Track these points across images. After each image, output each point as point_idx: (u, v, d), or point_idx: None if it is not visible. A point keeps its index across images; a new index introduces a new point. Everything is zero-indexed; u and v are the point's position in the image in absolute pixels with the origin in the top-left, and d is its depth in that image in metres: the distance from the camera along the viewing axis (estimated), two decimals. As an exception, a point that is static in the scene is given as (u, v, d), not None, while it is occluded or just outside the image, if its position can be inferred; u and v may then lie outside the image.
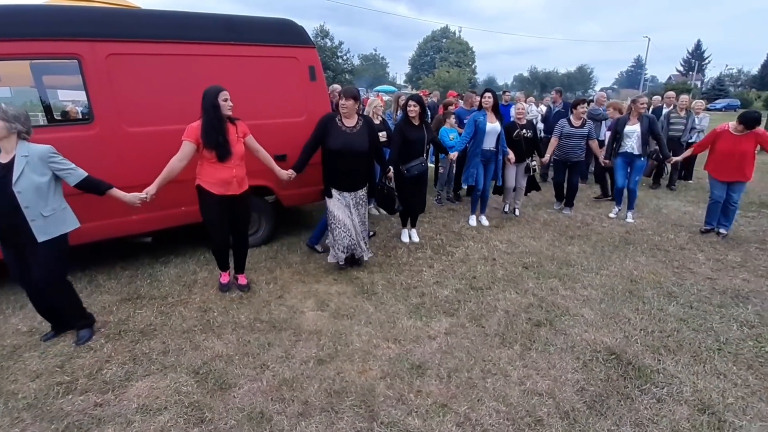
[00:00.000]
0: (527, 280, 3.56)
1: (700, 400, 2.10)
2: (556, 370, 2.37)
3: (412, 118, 3.99)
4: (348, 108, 3.37)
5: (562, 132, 5.23)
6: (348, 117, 3.41)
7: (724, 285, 3.42)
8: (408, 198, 4.13)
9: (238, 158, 3.01)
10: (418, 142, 4.00)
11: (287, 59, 4.13)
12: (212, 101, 2.83)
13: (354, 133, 3.39)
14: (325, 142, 3.39)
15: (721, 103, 37.58)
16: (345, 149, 3.34)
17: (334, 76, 29.22)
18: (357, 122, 3.44)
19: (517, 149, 5.01)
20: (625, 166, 5.10)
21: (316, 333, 2.76)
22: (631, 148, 4.96)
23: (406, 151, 3.99)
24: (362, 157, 3.44)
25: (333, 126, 3.39)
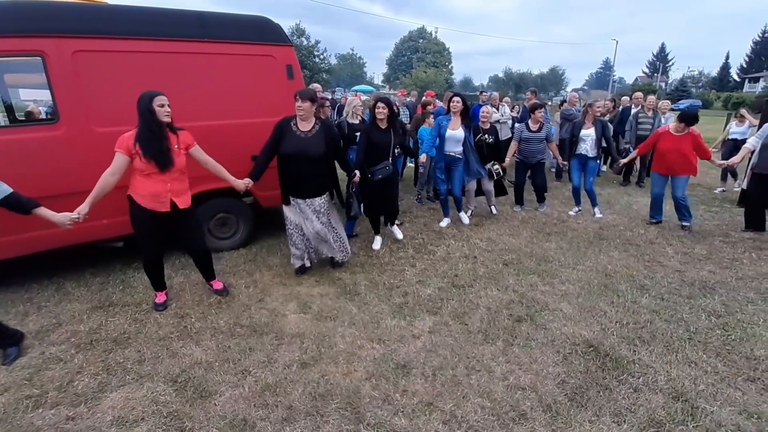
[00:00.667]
0: (507, 276, 3.62)
1: (673, 388, 2.19)
2: (538, 364, 2.42)
3: (379, 121, 3.91)
4: (305, 110, 3.22)
5: (521, 137, 5.28)
6: (304, 120, 3.28)
7: (692, 277, 3.58)
8: (375, 202, 4.07)
9: (178, 171, 2.79)
10: (383, 145, 3.92)
11: (263, 57, 4.06)
12: (147, 106, 2.63)
13: (309, 138, 3.25)
14: (279, 147, 3.24)
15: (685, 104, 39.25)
16: (299, 154, 3.21)
17: (311, 76, 28.92)
18: (313, 126, 3.30)
19: (480, 153, 4.95)
20: (580, 167, 5.33)
21: (299, 336, 2.72)
22: (585, 151, 5.19)
23: (370, 155, 3.90)
24: (318, 162, 3.28)
25: (288, 130, 3.25)
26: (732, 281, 3.49)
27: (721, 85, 51.34)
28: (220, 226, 4.16)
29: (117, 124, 3.36)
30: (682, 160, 4.64)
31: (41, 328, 2.83)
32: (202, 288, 3.42)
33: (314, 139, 3.27)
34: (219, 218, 4.13)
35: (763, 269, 3.74)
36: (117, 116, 3.36)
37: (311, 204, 3.43)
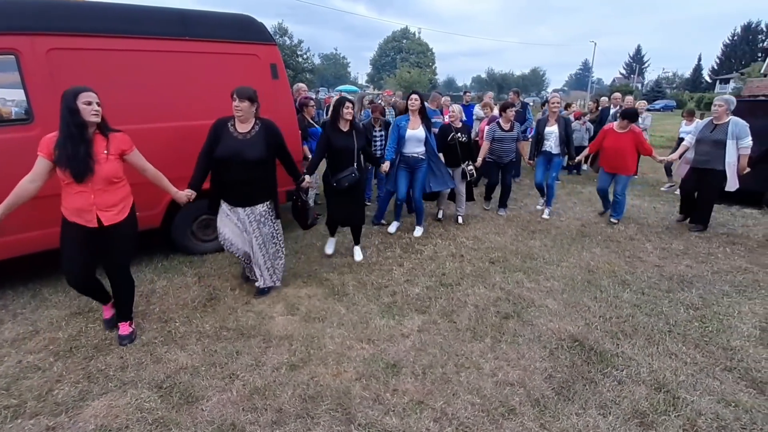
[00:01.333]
0: (494, 274, 3.67)
1: (656, 380, 2.26)
2: (526, 359, 2.46)
3: (343, 123, 3.61)
4: (243, 110, 2.92)
5: (494, 136, 5.29)
6: (243, 121, 2.99)
7: (671, 271, 3.70)
8: (340, 210, 3.85)
9: (104, 181, 2.35)
10: (345, 150, 3.63)
11: (247, 57, 4.00)
12: (69, 104, 2.24)
13: (247, 140, 2.97)
14: (214, 150, 2.97)
15: (660, 104, 40.76)
16: (234, 158, 2.93)
17: (294, 75, 28.66)
18: (253, 127, 3.02)
19: (452, 154, 4.92)
20: (544, 163, 5.46)
21: (287, 338, 2.69)
22: (549, 148, 5.32)
23: (334, 161, 3.67)
24: (256, 167, 3.00)
25: (224, 132, 2.97)
26: (708, 275, 3.62)
27: (694, 86, 53.21)
28: (203, 228, 4.09)
29: (95, 125, 3.28)
30: (623, 158, 4.95)
31: (17, 336, 2.72)
32: (186, 291, 3.35)
33: (253, 141, 2.99)
34: (202, 220, 4.05)
35: (736, 263, 3.89)
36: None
37: (252, 212, 3.12)
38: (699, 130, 4.67)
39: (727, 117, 4.47)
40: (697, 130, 4.71)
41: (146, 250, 4.04)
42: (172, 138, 3.58)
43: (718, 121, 4.52)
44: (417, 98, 4.40)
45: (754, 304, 3.09)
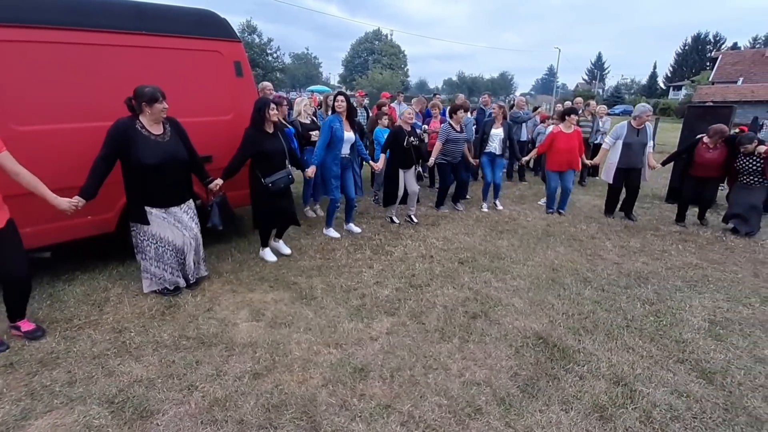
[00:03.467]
0: (463, 274, 3.70)
1: (614, 374, 2.34)
2: (492, 359, 2.48)
3: (268, 125, 3.56)
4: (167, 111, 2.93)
5: (448, 137, 5.39)
6: (158, 122, 2.93)
7: (629, 268, 3.86)
8: (278, 212, 3.80)
9: None
10: (277, 152, 3.62)
11: (209, 53, 3.86)
12: None
13: (168, 141, 2.95)
14: (134, 157, 2.81)
15: (619, 108, 42.80)
16: (168, 161, 2.91)
17: (263, 74, 28.02)
18: (165, 127, 2.98)
19: (407, 156, 4.96)
20: (490, 164, 5.80)
21: (251, 345, 2.60)
22: (494, 149, 5.72)
23: (266, 164, 3.59)
24: (186, 166, 3.09)
25: (136, 135, 2.82)
26: (662, 271, 3.81)
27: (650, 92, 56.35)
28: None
29: (41, 123, 3.06)
30: (574, 155, 5.45)
31: (-53, 353, 2.48)
32: (143, 299, 3.18)
33: (175, 141, 3.00)
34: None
35: (688, 259, 4.11)
36: (41, 114, 3.05)
37: (189, 207, 3.20)
38: (617, 135, 5.26)
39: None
40: (615, 135, 5.29)
41: (101, 257, 3.82)
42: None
43: (640, 127, 5.21)
44: (343, 99, 4.35)
45: (703, 298, 3.27)
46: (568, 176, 5.57)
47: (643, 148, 5.20)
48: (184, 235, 3.16)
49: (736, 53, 34.78)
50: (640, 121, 5.20)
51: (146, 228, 3.05)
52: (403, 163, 5.02)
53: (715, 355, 2.52)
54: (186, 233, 3.18)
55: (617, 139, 5.27)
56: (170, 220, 3.08)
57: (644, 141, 5.20)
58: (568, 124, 5.46)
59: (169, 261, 3.16)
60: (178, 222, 3.13)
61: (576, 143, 5.43)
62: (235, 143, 3.57)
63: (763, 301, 3.21)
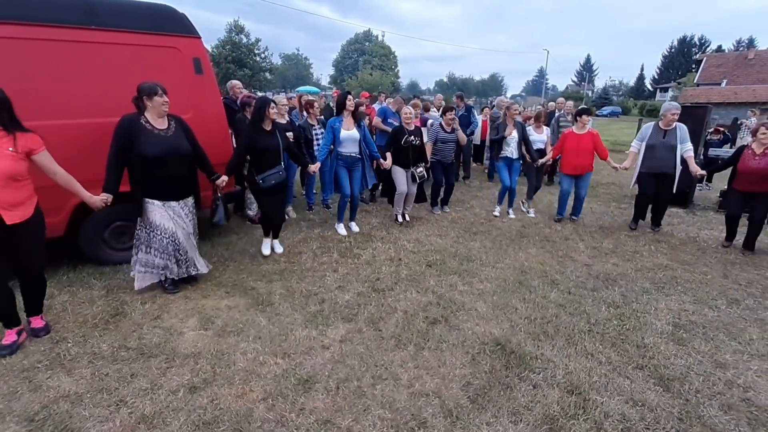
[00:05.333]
0: (429, 278, 3.60)
1: (569, 382, 2.24)
2: (446, 367, 2.38)
3: (266, 123, 3.61)
4: (169, 105, 3.00)
5: (437, 137, 5.34)
6: (161, 116, 3.02)
7: (598, 270, 3.79)
8: (270, 209, 3.84)
9: (3, 177, 2.25)
10: (273, 149, 3.65)
11: (165, 49, 3.71)
12: None
13: (172, 135, 3.04)
14: (137, 149, 2.89)
15: (607, 110, 43.27)
16: (170, 154, 2.97)
17: (251, 75, 27.73)
18: (170, 123, 3.08)
19: (404, 156, 4.91)
20: (506, 168, 5.48)
21: (194, 356, 2.46)
22: (511, 153, 5.38)
23: (260, 161, 3.64)
24: (188, 161, 3.15)
25: (141, 129, 2.92)
26: (632, 273, 3.74)
27: (638, 94, 57.05)
28: (117, 235, 3.73)
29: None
30: (585, 158, 5.05)
31: None
32: (89, 306, 3.02)
33: (178, 136, 3.08)
34: (117, 227, 3.70)
35: (658, 260, 4.05)
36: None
37: (186, 204, 3.22)
38: (644, 136, 4.80)
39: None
40: (642, 137, 4.83)
41: (52, 261, 3.64)
42: (75, 137, 3.24)
43: (668, 127, 4.67)
44: (350, 97, 4.41)
45: (670, 301, 3.20)
46: (581, 181, 5.16)
47: (671, 152, 4.58)
48: (183, 228, 3.19)
49: (720, 56, 35.35)
50: (667, 120, 4.60)
51: (151, 219, 3.07)
52: (401, 163, 4.96)
53: (676, 360, 2.43)
54: (183, 227, 3.20)
55: (642, 140, 4.79)
56: (170, 212, 3.12)
57: (672, 143, 4.56)
58: (581, 125, 5.09)
59: (173, 252, 3.18)
60: (177, 216, 3.16)
61: (588, 146, 5.02)
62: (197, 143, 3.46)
63: (730, 303, 3.15)
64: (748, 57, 31.28)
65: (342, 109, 4.38)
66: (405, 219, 5.22)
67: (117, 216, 3.64)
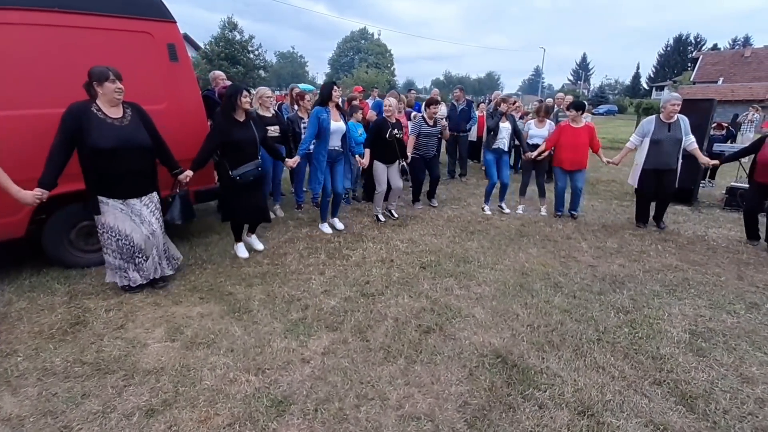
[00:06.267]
0: (423, 281, 3.33)
1: (580, 401, 1.98)
2: (440, 384, 2.11)
3: (239, 113, 3.34)
4: (123, 92, 2.75)
5: (420, 131, 5.13)
6: (115, 105, 2.74)
7: (604, 271, 3.54)
8: (246, 206, 3.54)
9: None
10: (247, 142, 3.38)
11: (136, 34, 3.42)
12: None
13: (127, 125, 2.76)
14: (88, 140, 2.61)
15: (603, 108, 43.17)
16: (124, 146, 2.70)
17: (245, 72, 27.30)
18: (125, 111, 2.79)
19: (390, 150, 4.69)
20: (495, 162, 5.28)
21: (156, 372, 2.18)
22: (503, 145, 5.19)
23: (235, 155, 3.35)
24: (148, 153, 2.88)
25: (92, 118, 2.64)
26: (640, 274, 3.49)
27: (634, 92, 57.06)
28: (85, 236, 3.44)
29: None
30: (581, 153, 4.87)
31: None
32: (48, 314, 2.73)
33: (134, 126, 2.79)
34: (83, 227, 3.41)
35: (667, 260, 3.81)
36: None
37: (151, 200, 2.96)
38: (645, 132, 4.54)
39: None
40: (642, 133, 4.57)
41: (14, 264, 3.36)
42: (28, 129, 2.94)
43: (670, 120, 4.42)
44: (337, 88, 4.15)
45: (684, 305, 2.95)
46: (576, 175, 4.96)
47: (676, 146, 4.39)
48: (141, 230, 2.92)
49: (716, 54, 35.31)
50: (667, 112, 4.37)
51: (104, 219, 2.83)
52: (386, 157, 4.74)
53: (697, 374, 2.18)
54: (144, 228, 2.93)
55: (644, 136, 4.50)
56: (128, 212, 2.85)
57: (677, 136, 4.37)
58: (573, 119, 4.92)
59: (128, 255, 2.92)
60: (136, 216, 2.89)
61: (585, 140, 4.84)
62: (170, 135, 3.17)
63: (749, 308, 2.90)
64: (745, 55, 31.25)
65: (328, 100, 4.10)
66: (392, 215, 4.99)
67: (84, 215, 3.35)
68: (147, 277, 3.02)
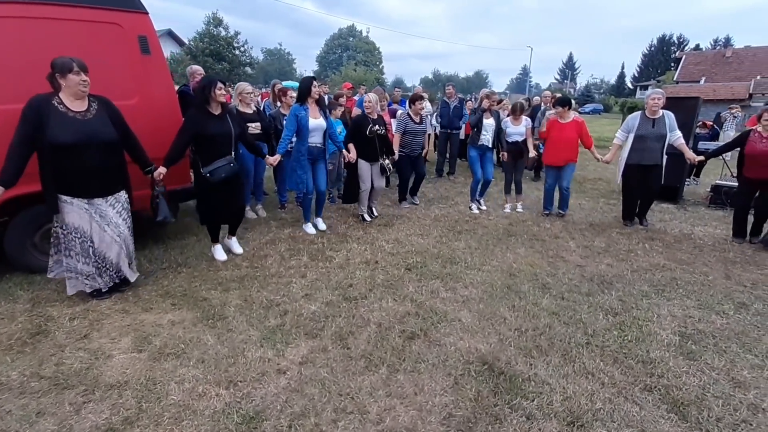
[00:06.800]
0: (408, 283, 3.22)
1: (569, 410, 1.89)
2: (424, 394, 2.00)
3: (214, 106, 3.18)
4: (89, 85, 2.59)
5: (406, 128, 5.02)
6: (79, 98, 2.59)
7: (592, 272, 3.48)
8: (218, 207, 3.40)
9: None
10: (221, 137, 3.20)
11: (105, 26, 3.23)
12: None
13: (92, 119, 2.59)
14: (46, 134, 2.45)
15: (589, 107, 43.73)
16: (86, 141, 2.53)
17: (230, 69, 26.82)
18: (90, 105, 2.62)
19: (370, 147, 4.55)
20: (479, 159, 5.23)
21: (119, 386, 2.02)
22: (487, 141, 5.12)
23: (207, 150, 3.18)
24: (114, 149, 2.70)
25: (52, 112, 2.47)
26: (628, 274, 3.44)
27: (618, 92, 57.85)
28: (49, 240, 3.23)
29: None
30: (568, 149, 4.81)
31: None
32: (7, 323, 2.56)
33: (99, 120, 2.62)
34: (47, 230, 3.20)
35: (655, 260, 3.77)
36: None
37: (117, 200, 2.78)
38: (629, 128, 4.54)
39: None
40: (627, 128, 4.57)
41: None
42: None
43: (655, 116, 4.43)
44: (317, 84, 4.02)
45: (672, 306, 2.90)
46: (564, 173, 4.88)
47: (660, 141, 4.36)
48: (104, 231, 2.75)
49: (699, 54, 35.99)
50: (650, 106, 4.37)
51: (68, 220, 2.65)
52: (367, 155, 4.59)
53: (688, 379, 2.12)
54: (108, 230, 2.76)
55: (629, 132, 4.50)
56: (92, 212, 2.68)
57: (662, 132, 4.36)
58: (560, 114, 4.85)
59: (94, 258, 2.75)
60: (100, 216, 2.72)
61: (572, 135, 4.74)
62: (142, 132, 3.00)
63: (738, 308, 2.86)
64: (726, 55, 31.90)
65: (306, 97, 3.95)
66: (373, 215, 4.88)
67: (46, 218, 3.15)
68: (113, 280, 2.85)
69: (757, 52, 31.01)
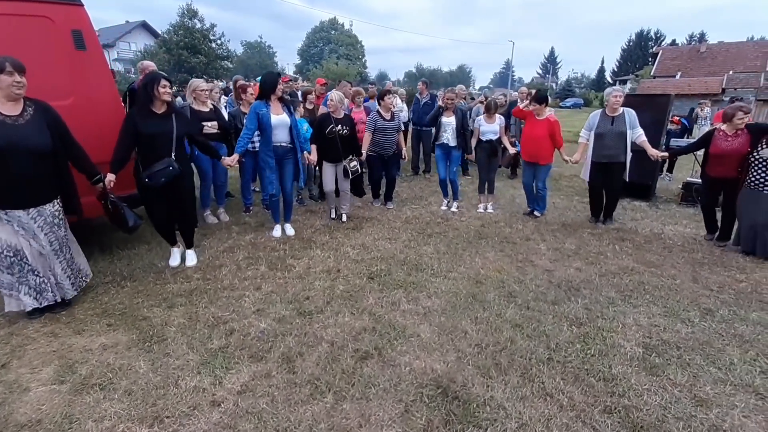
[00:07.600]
0: (369, 294, 3.06)
1: (523, 440, 1.76)
2: (369, 426, 1.84)
3: (158, 105, 3.00)
4: (24, 87, 2.39)
5: (376, 126, 4.81)
6: (13, 100, 2.39)
7: (560, 277, 3.37)
8: (164, 212, 3.22)
9: None
10: (161, 137, 3.00)
11: (33, 19, 2.96)
12: None
13: (23, 125, 2.40)
14: None
15: (570, 102, 44.22)
16: (13, 148, 2.33)
17: (207, 63, 25.98)
18: (24, 109, 2.43)
19: (332, 148, 4.37)
20: (443, 158, 5.09)
21: (30, 426, 1.81)
22: (447, 140, 4.95)
23: (146, 152, 3.00)
24: (45, 158, 2.48)
25: None
26: (596, 279, 3.35)
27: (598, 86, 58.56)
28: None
29: None
30: (539, 146, 4.71)
31: None
32: None
33: (33, 126, 2.42)
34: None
35: (624, 262, 3.70)
36: None
37: (40, 214, 2.54)
38: (591, 126, 4.51)
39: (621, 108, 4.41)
40: (589, 126, 4.54)
41: None
42: None
43: (615, 113, 4.40)
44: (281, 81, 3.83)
45: (638, 314, 2.81)
46: (538, 172, 4.80)
47: (620, 138, 4.34)
48: (30, 245, 2.54)
49: (675, 49, 36.67)
50: (610, 104, 4.36)
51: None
52: (327, 156, 4.42)
53: (649, 398, 2.01)
54: (33, 243, 2.55)
55: (590, 129, 4.50)
56: (14, 224, 2.48)
57: (621, 129, 4.34)
58: (539, 111, 4.69)
59: (17, 272, 2.53)
60: (22, 229, 2.51)
61: (542, 133, 4.61)
62: (81, 135, 2.76)
63: (703, 315, 2.79)
64: (701, 50, 32.57)
65: (270, 94, 3.73)
66: (342, 220, 4.68)
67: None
68: (41, 302, 2.59)
69: (729, 47, 31.77)
